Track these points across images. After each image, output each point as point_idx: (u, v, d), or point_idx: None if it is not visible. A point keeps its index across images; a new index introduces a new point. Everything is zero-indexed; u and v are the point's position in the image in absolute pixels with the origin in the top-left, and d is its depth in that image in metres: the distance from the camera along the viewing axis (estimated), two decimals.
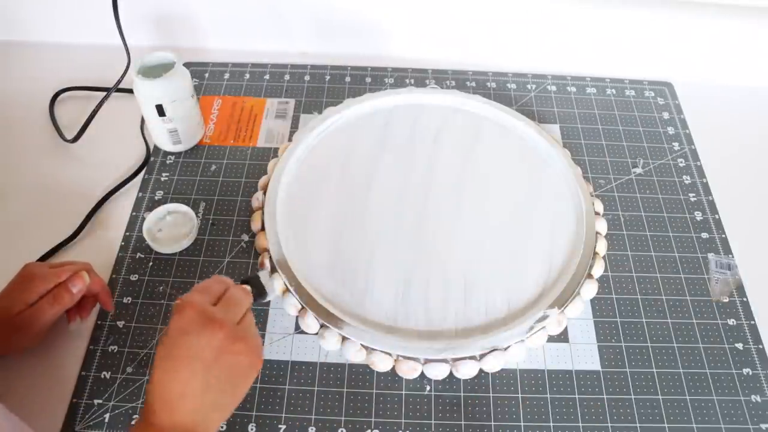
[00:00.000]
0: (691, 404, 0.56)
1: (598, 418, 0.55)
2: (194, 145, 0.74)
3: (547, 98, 0.81)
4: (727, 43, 0.81)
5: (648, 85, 0.83)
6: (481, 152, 0.70)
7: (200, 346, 0.43)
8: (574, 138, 0.76)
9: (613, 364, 0.58)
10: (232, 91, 0.81)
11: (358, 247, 0.62)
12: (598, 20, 0.81)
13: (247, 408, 0.55)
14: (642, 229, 0.68)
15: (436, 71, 0.83)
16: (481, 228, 0.64)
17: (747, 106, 0.82)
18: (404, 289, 0.59)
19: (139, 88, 0.66)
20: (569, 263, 0.61)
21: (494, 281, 0.60)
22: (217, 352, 0.44)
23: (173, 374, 0.43)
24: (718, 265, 0.65)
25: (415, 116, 0.74)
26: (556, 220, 0.65)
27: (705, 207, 0.70)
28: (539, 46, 0.84)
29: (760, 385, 0.57)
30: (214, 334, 0.44)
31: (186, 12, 0.83)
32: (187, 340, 0.43)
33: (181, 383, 0.43)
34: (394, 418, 0.54)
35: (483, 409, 0.55)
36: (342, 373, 0.57)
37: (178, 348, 0.43)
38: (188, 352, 0.43)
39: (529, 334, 0.56)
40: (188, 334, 0.44)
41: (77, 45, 0.85)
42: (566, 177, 0.68)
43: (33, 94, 0.78)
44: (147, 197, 0.69)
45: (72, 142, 0.73)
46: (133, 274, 0.63)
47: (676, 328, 0.61)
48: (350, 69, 0.84)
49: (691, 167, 0.74)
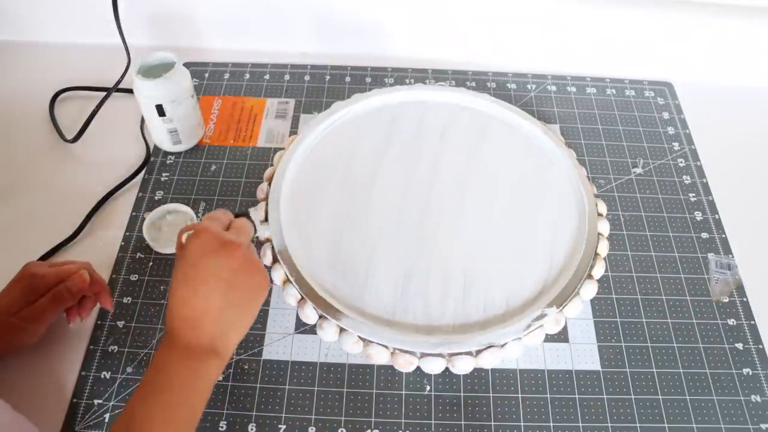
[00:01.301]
0: (691, 404, 0.56)
1: (598, 418, 0.55)
2: (194, 145, 0.74)
3: (547, 98, 0.81)
4: (727, 43, 0.81)
5: (648, 85, 0.83)
6: (486, 150, 0.70)
7: (219, 266, 0.46)
8: (574, 138, 0.76)
9: (613, 364, 0.58)
10: (232, 91, 0.81)
11: (360, 241, 0.62)
12: (598, 20, 0.81)
13: (247, 408, 0.55)
14: (642, 229, 0.68)
15: (436, 71, 0.84)
16: (483, 225, 0.64)
17: (747, 106, 0.82)
18: (404, 284, 0.60)
19: (139, 88, 0.66)
20: (570, 263, 0.61)
21: (494, 278, 0.60)
22: (234, 273, 0.46)
23: (194, 294, 0.45)
24: (718, 265, 0.65)
25: (423, 113, 0.74)
26: (559, 220, 0.65)
27: (705, 207, 0.70)
28: (539, 46, 0.84)
29: (760, 385, 0.57)
30: (230, 255, 0.46)
31: (186, 12, 0.83)
32: (206, 262, 0.46)
33: (202, 302, 0.45)
34: (394, 418, 0.55)
35: (483, 409, 0.55)
36: (342, 373, 0.57)
37: (197, 269, 0.46)
38: (207, 273, 0.46)
39: (526, 332, 0.56)
40: (206, 255, 0.46)
41: (77, 45, 0.85)
42: (571, 177, 0.68)
43: (33, 94, 0.78)
44: (147, 197, 0.69)
45: (72, 142, 0.73)
46: (133, 274, 0.63)
47: (676, 328, 0.61)
48: (350, 69, 0.84)
49: (691, 167, 0.74)
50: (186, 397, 0.44)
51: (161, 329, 0.59)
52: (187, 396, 0.44)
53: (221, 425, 0.54)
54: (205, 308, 0.45)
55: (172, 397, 0.43)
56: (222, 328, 0.46)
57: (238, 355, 0.58)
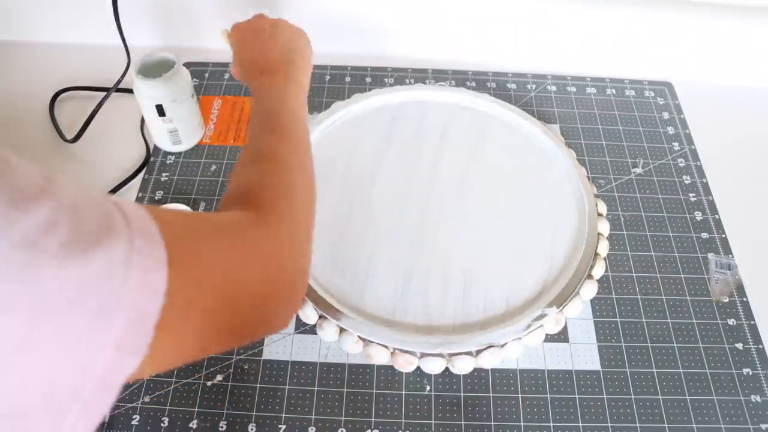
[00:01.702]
0: (691, 404, 0.56)
1: (598, 418, 0.55)
2: (194, 145, 0.74)
3: (547, 98, 0.81)
4: (726, 43, 0.81)
5: (648, 85, 0.83)
6: (486, 150, 0.71)
7: (273, 26, 0.60)
8: (574, 138, 0.76)
9: (613, 364, 0.58)
10: (232, 91, 0.81)
11: (360, 241, 0.62)
12: (598, 20, 0.81)
13: (247, 408, 0.55)
14: (642, 229, 0.68)
15: (436, 71, 0.83)
16: (483, 225, 0.64)
17: (747, 106, 0.82)
18: (404, 284, 0.60)
19: (139, 88, 0.66)
20: (570, 263, 0.61)
21: (494, 278, 0.60)
22: (292, 30, 0.60)
23: (271, 45, 0.58)
24: (718, 265, 0.65)
25: (423, 113, 0.74)
26: (559, 220, 0.65)
27: (705, 207, 0.70)
28: (539, 46, 0.84)
29: (760, 385, 0.57)
30: (285, 22, 0.61)
31: (186, 12, 0.83)
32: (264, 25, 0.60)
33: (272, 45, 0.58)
34: (394, 418, 0.55)
35: (483, 409, 0.55)
36: (342, 373, 0.57)
37: (261, 30, 0.59)
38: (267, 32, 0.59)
39: (526, 332, 0.56)
40: (264, 26, 0.60)
41: (77, 45, 0.85)
42: (571, 177, 0.68)
43: (33, 94, 0.78)
44: (147, 197, 0.69)
45: (72, 142, 0.73)
46: None
47: (676, 328, 0.61)
48: (350, 69, 0.84)
49: (691, 167, 0.74)
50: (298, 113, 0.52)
51: None
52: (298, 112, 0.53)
53: (221, 425, 0.54)
54: (279, 49, 0.57)
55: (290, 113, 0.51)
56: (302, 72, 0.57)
57: (238, 355, 0.58)
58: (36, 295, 0.23)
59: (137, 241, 0.27)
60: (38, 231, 0.23)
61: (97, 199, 0.28)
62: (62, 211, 0.25)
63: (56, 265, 0.23)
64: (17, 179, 0.24)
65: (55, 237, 0.24)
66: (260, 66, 0.56)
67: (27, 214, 0.23)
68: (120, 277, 0.25)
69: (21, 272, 0.22)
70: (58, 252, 0.23)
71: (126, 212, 0.28)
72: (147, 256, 0.27)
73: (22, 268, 0.22)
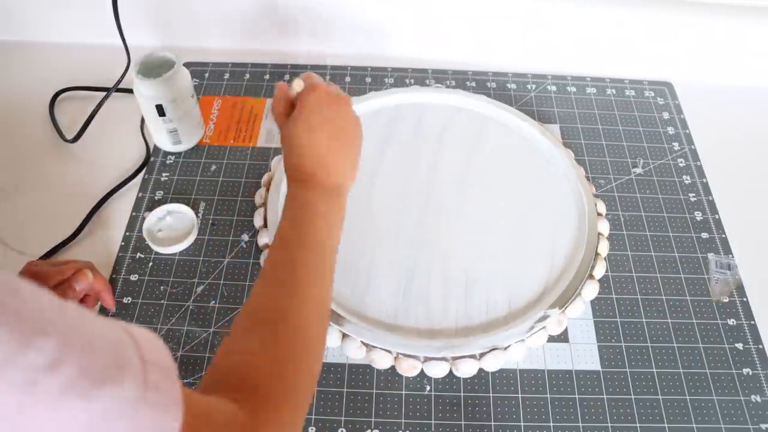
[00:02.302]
0: (691, 404, 0.56)
1: (598, 418, 0.55)
2: (194, 145, 0.74)
3: (547, 98, 0.81)
4: (726, 43, 0.81)
5: (648, 85, 0.83)
6: (484, 151, 0.71)
7: (338, 115, 0.51)
8: (574, 138, 0.76)
9: (613, 364, 0.58)
10: (232, 91, 0.81)
11: (360, 245, 0.62)
12: (598, 20, 0.81)
13: None
14: (642, 229, 0.68)
15: (436, 71, 0.83)
16: (483, 227, 0.64)
17: (747, 106, 0.82)
18: (405, 287, 0.60)
19: (139, 88, 0.66)
20: (571, 263, 0.61)
21: (496, 280, 0.60)
22: (347, 121, 0.52)
23: (319, 140, 0.50)
24: (718, 265, 0.65)
25: (420, 115, 0.74)
26: (559, 221, 0.65)
27: (705, 207, 0.70)
28: (539, 46, 0.84)
29: (760, 385, 0.57)
30: (342, 106, 0.52)
31: (186, 12, 0.83)
32: (324, 112, 0.51)
33: (325, 146, 0.50)
34: (394, 418, 0.54)
35: (483, 409, 0.55)
36: (342, 373, 0.57)
37: (316, 118, 0.50)
38: (326, 121, 0.50)
39: (529, 334, 0.56)
40: (323, 107, 0.51)
41: (77, 45, 0.85)
42: (569, 177, 0.68)
43: (33, 94, 0.78)
44: (147, 197, 0.69)
45: (72, 142, 0.73)
46: (133, 274, 0.63)
47: (676, 328, 0.61)
48: (350, 69, 0.84)
49: (691, 167, 0.74)
50: (333, 228, 0.49)
51: (161, 329, 0.59)
52: (334, 226, 0.49)
53: None
54: (332, 154, 0.50)
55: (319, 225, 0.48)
56: (345, 170, 0.51)
57: None
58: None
59: (152, 377, 0.27)
60: (41, 369, 0.23)
61: (110, 331, 0.27)
62: (69, 348, 0.24)
63: (55, 407, 0.23)
64: (25, 312, 0.24)
65: (57, 377, 0.23)
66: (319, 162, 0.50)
67: (31, 350, 0.23)
68: (129, 417, 0.25)
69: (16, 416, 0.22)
70: (58, 393, 0.23)
71: (140, 343, 0.28)
72: (163, 392, 0.27)
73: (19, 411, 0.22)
